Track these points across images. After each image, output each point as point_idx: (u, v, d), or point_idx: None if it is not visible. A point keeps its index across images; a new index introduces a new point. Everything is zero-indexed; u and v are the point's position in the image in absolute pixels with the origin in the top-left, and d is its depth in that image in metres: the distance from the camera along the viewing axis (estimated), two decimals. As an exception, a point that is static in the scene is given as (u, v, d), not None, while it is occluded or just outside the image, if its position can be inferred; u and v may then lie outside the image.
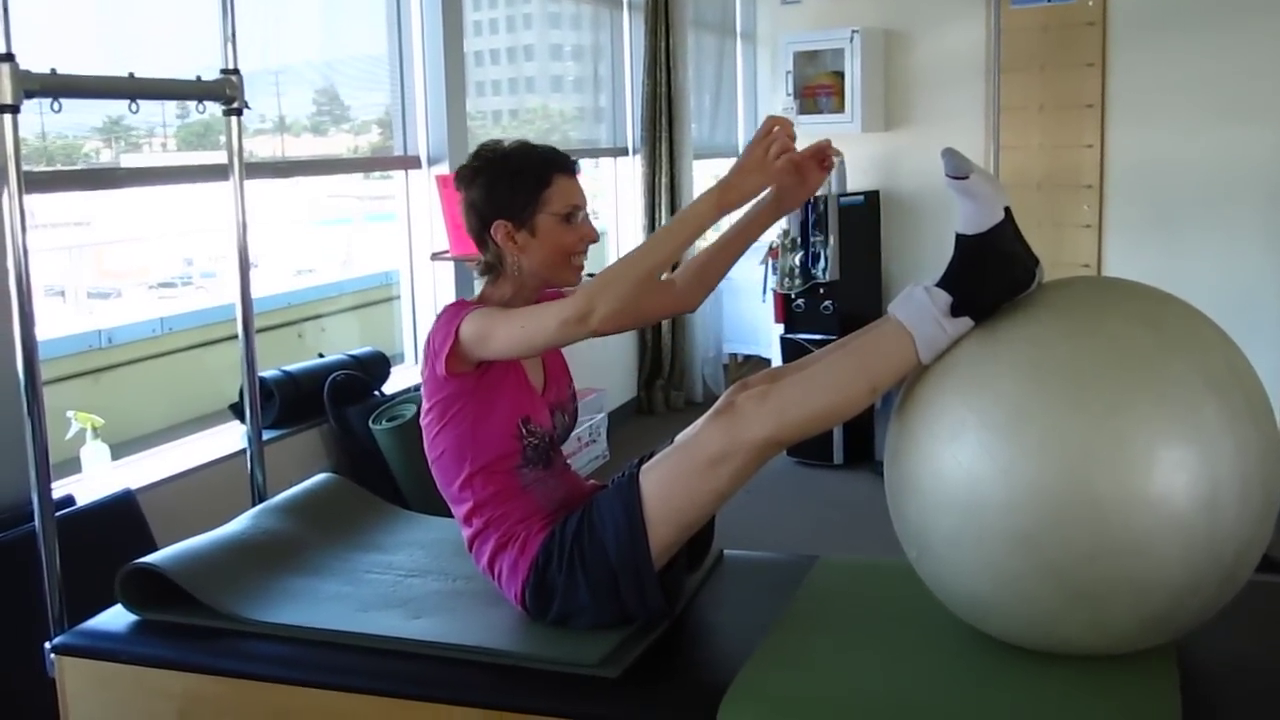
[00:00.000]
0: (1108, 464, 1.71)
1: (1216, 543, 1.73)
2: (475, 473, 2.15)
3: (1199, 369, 1.77)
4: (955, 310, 1.91)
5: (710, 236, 2.49)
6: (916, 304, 1.93)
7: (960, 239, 1.95)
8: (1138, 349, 1.79)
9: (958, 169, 1.91)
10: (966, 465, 1.80)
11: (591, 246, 2.24)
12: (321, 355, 4.20)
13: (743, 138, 8.14)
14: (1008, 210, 1.93)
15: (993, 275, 1.91)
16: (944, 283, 1.94)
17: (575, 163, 2.23)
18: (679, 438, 2.15)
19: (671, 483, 2.02)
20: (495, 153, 2.20)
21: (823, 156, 2.19)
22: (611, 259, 6.60)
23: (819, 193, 5.42)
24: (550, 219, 2.15)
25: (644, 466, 2.06)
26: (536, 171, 2.16)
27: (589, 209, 2.23)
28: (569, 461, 2.34)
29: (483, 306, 2.14)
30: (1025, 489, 1.74)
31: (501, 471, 2.15)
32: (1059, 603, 1.78)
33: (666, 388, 6.58)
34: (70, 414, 3.34)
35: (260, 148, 4.26)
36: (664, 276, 2.33)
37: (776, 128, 2.03)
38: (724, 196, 2.01)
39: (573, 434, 5.51)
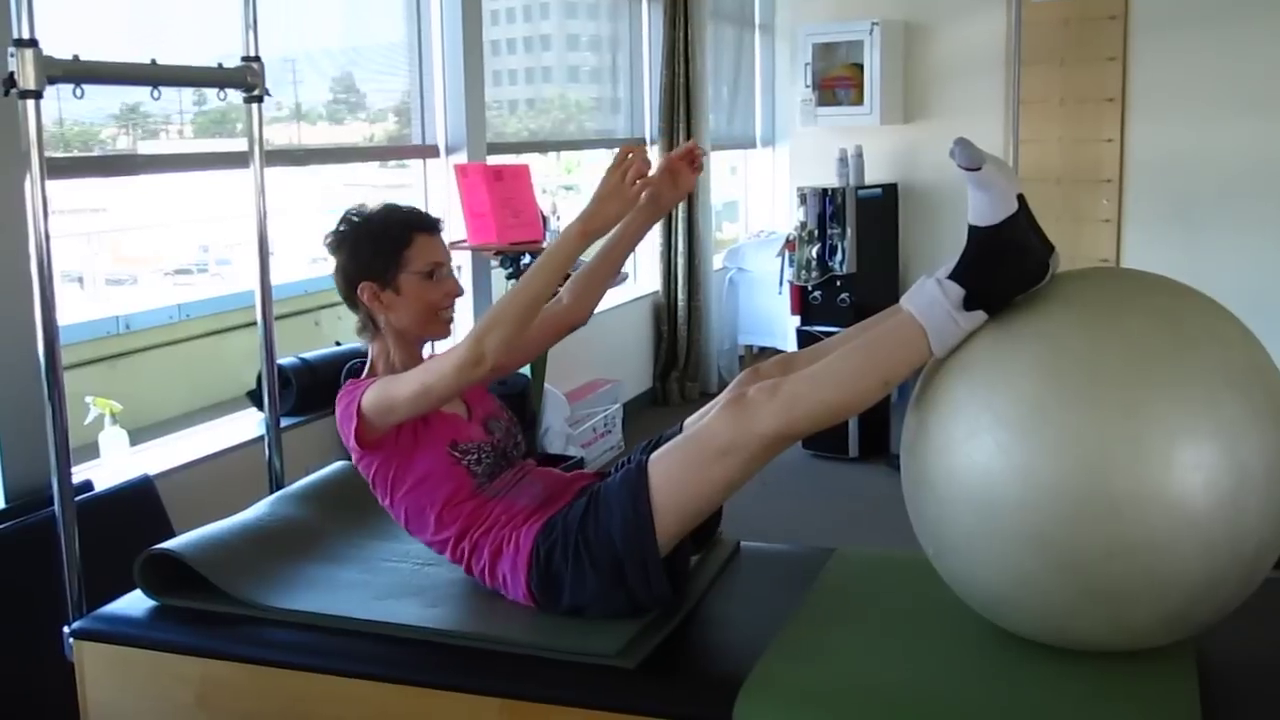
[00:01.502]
0: (1125, 463, 1.69)
1: (1237, 540, 1.71)
2: (440, 513, 2.19)
3: (1219, 366, 1.75)
4: (968, 303, 1.89)
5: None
6: (929, 297, 1.91)
7: (973, 230, 1.92)
8: (1156, 346, 1.76)
9: (970, 160, 1.88)
10: (983, 464, 1.78)
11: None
12: (339, 343, 4.21)
13: (760, 129, 8.12)
14: (1021, 199, 1.90)
15: (1006, 268, 1.89)
16: (956, 275, 1.91)
17: (437, 221, 2.31)
18: (688, 423, 2.16)
19: (680, 473, 2.01)
20: (359, 216, 2.28)
21: (692, 158, 2.29)
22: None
23: (837, 184, 5.42)
24: (413, 277, 2.23)
25: (652, 456, 2.06)
26: (396, 232, 2.24)
27: (453, 265, 2.32)
28: (583, 451, 2.34)
29: (375, 379, 2.22)
30: (1042, 488, 1.72)
31: (463, 500, 2.20)
32: (1077, 601, 1.77)
33: (682, 379, 6.58)
34: (89, 399, 3.35)
35: (276, 136, 4.26)
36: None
37: (630, 154, 2.12)
38: (587, 225, 2.12)
39: (588, 424, 5.51)
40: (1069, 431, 1.72)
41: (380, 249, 2.23)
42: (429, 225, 2.28)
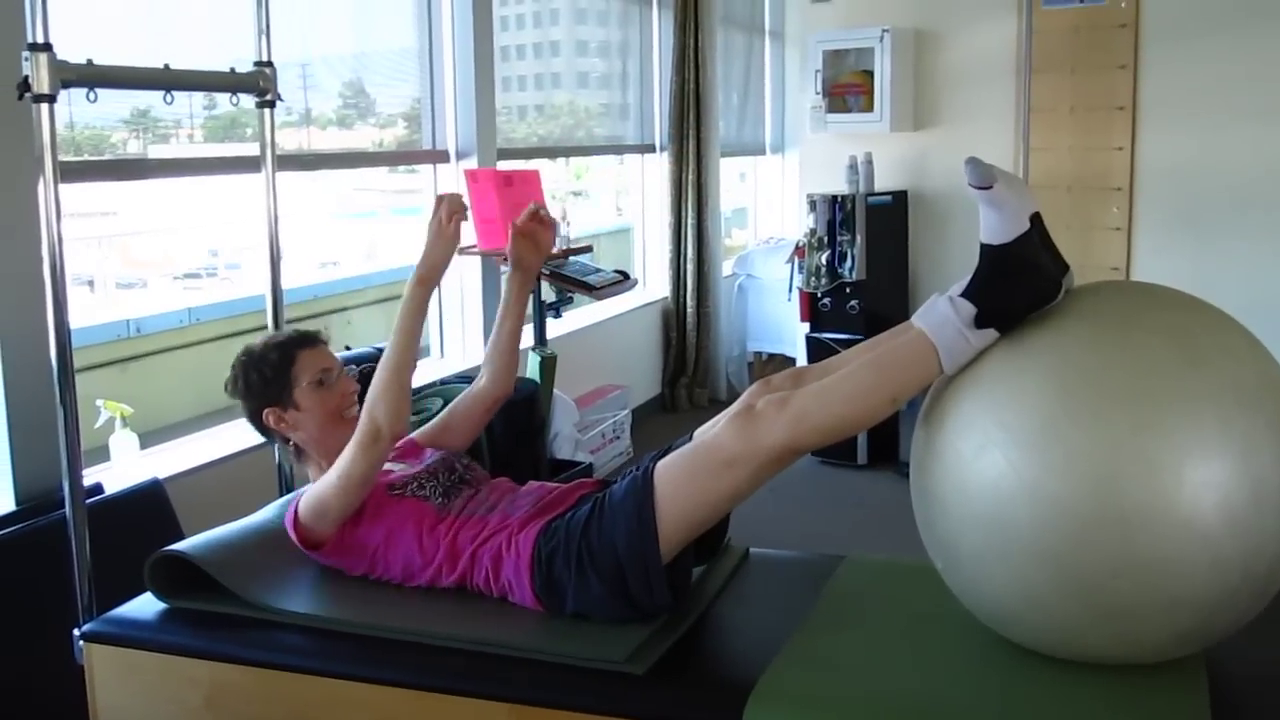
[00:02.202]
0: (1136, 481, 1.68)
1: (1248, 557, 1.70)
2: (421, 546, 2.24)
3: (1229, 383, 1.73)
4: (980, 321, 1.87)
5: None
6: (940, 315, 1.90)
7: (985, 249, 1.91)
8: (1167, 363, 1.75)
9: (981, 178, 1.86)
10: (993, 480, 1.77)
11: (622, 242, 2.31)
12: (348, 348, 4.21)
13: (770, 136, 8.13)
14: (1035, 217, 1.89)
15: (1018, 287, 1.87)
16: (968, 293, 1.90)
17: (317, 334, 2.49)
18: (697, 434, 2.16)
19: (686, 482, 2.01)
20: (244, 354, 2.44)
21: (539, 219, 2.53)
22: (638, 256, 6.62)
23: (847, 191, 5.42)
24: (307, 390, 2.38)
25: (659, 464, 2.06)
26: (278, 355, 2.40)
27: (343, 367, 2.47)
28: (592, 457, 2.35)
29: (305, 490, 2.32)
30: (1052, 506, 1.71)
31: (433, 525, 2.25)
32: (1087, 619, 1.76)
33: (690, 385, 6.58)
34: (99, 402, 3.36)
35: (286, 141, 4.27)
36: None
37: (443, 199, 2.31)
38: (423, 274, 2.27)
39: (597, 430, 5.50)
40: (1079, 448, 1.71)
41: (267, 375, 2.37)
42: (309, 340, 2.44)
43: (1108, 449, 1.70)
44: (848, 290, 5.41)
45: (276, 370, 2.38)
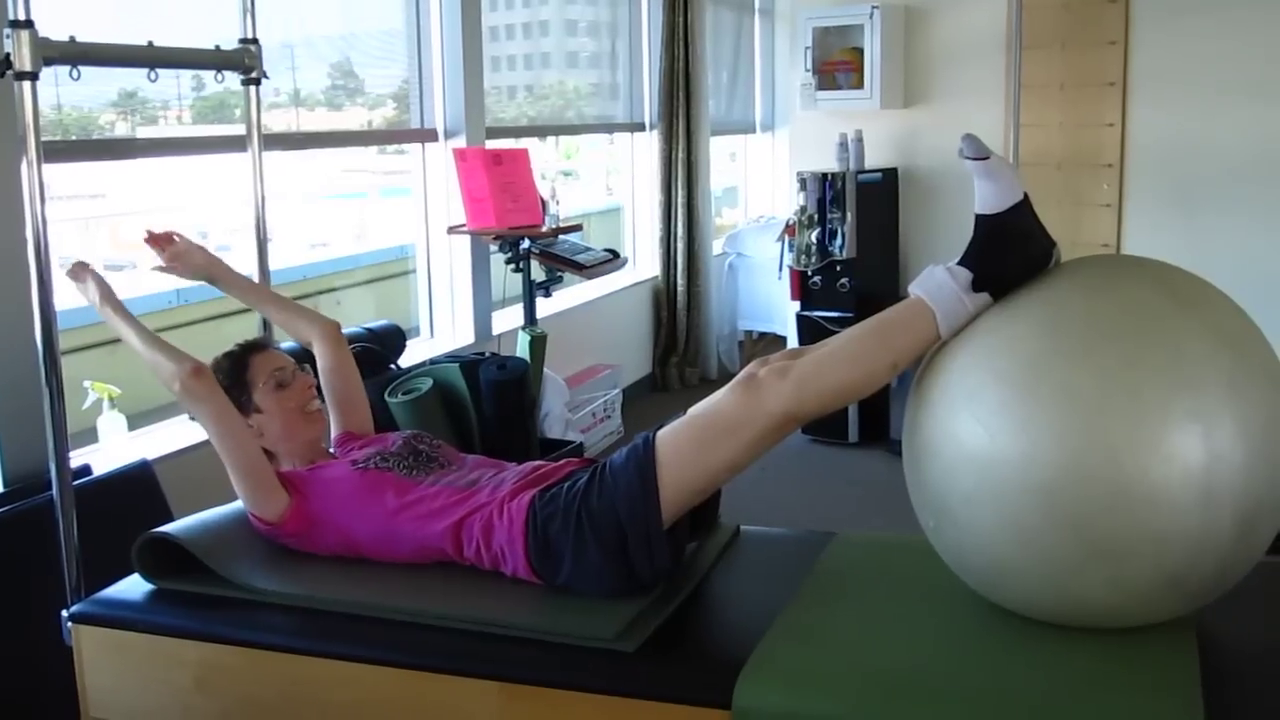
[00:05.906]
0: (1123, 413, 1.72)
1: (1235, 493, 1.72)
2: (393, 520, 2.23)
3: (1212, 324, 1.81)
4: (976, 285, 1.94)
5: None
6: (937, 281, 1.96)
7: (980, 219, 1.99)
8: (1152, 305, 1.82)
9: (978, 150, 1.96)
10: (984, 420, 1.81)
11: (612, 222, 2.30)
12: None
13: (760, 114, 8.10)
14: (1024, 198, 1.98)
15: (1012, 253, 1.95)
16: (964, 261, 1.97)
17: (265, 339, 2.62)
18: (692, 410, 2.16)
19: (688, 448, 2.02)
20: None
21: (156, 240, 2.80)
22: (629, 235, 6.61)
23: (837, 169, 5.41)
24: (264, 391, 2.40)
25: (660, 431, 2.07)
26: (230, 363, 2.43)
27: (297, 365, 2.49)
28: (583, 436, 2.34)
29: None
30: (1042, 440, 1.75)
31: (401, 495, 2.25)
32: (1078, 559, 1.77)
33: (681, 364, 6.58)
34: (87, 384, 3.34)
35: (275, 121, 4.25)
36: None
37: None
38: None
39: (588, 409, 5.49)
40: (1067, 385, 1.76)
41: (225, 385, 2.36)
42: (259, 345, 2.49)
43: (1096, 383, 1.75)
44: (838, 268, 5.40)
45: (232, 379, 2.39)
